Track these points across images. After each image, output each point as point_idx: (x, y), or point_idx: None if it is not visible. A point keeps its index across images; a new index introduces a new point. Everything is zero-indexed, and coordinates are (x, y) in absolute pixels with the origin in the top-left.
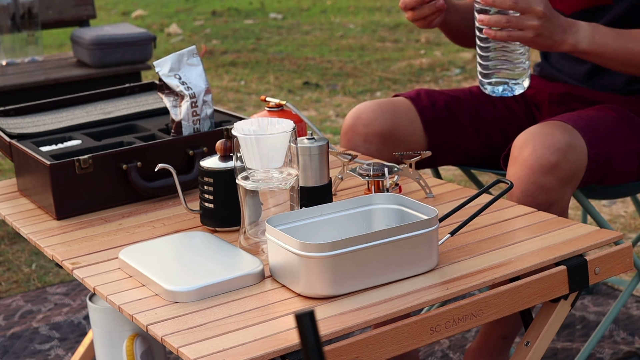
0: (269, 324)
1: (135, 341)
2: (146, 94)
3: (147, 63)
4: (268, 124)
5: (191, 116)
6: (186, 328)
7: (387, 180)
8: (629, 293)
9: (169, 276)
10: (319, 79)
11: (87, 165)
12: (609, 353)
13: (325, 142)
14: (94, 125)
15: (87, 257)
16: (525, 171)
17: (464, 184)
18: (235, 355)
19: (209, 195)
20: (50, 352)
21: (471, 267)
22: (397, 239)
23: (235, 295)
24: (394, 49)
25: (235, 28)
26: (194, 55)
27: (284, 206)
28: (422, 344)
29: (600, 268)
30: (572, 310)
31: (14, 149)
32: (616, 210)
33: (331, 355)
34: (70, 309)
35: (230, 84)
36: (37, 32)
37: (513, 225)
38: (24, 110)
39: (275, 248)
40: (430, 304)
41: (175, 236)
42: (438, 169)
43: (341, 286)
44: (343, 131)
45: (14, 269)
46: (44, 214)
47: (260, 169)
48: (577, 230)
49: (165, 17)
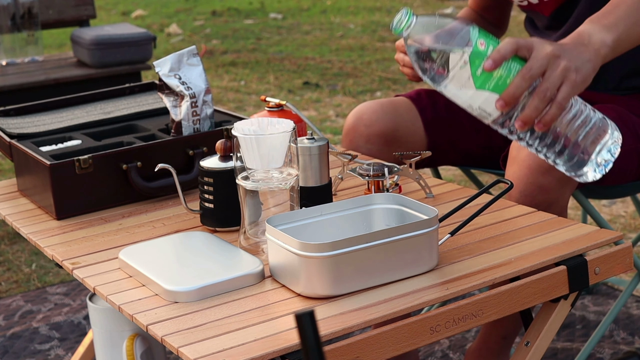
0: (269, 324)
1: (135, 341)
2: (146, 94)
3: (147, 63)
4: (268, 124)
5: (191, 116)
6: (186, 328)
7: (387, 180)
8: (629, 293)
9: (169, 276)
10: (319, 79)
11: (87, 165)
12: (609, 353)
13: (325, 142)
14: (94, 125)
15: (87, 257)
16: (523, 171)
17: (464, 184)
18: (235, 355)
19: (209, 195)
20: (50, 352)
21: (471, 267)
22: (397, 239)
23: (235, 295)
24: (394, 49)
25: (235, 28)
26: (194, 55)
27: (284, 206)
28: (422, 344)
29: (600, 268)
30: (572, 310)
31: (14, 149)
32: (616, 210)
33: (331, 355)
34: (70, 309)
35: (230, 84)
36: (37, 32)
37: (513, 225)
38: (24, 110)
39: (275, 248)
40: (430, 304)
41: (175, 236)
42: (438, 169)
43: (341, 286)
44: (345, 132)
45: (14, 269)
46: (44, 214)
47: (260, 169)
48: (577, 230)
49: (165, 17)
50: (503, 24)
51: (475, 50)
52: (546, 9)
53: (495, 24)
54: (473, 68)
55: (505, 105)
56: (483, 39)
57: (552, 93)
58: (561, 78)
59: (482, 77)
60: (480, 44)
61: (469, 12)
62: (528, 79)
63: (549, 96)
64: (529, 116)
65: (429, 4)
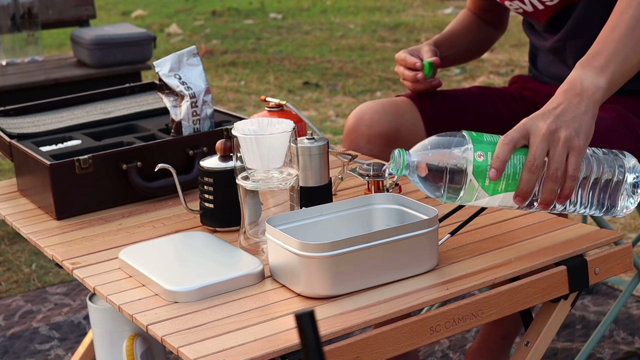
0: (269, 324)
1: (135, 341)
2: (146, 94)
3: (147, 63)
4: (268, 124)
5: (191, 116)
6: (186, 328)
7: (387, 180)
8: (629, 293)
9: (169, 276)
10: (319, 79)
11: (87, 165)
12: (609, 353)
13: (325, 142)
14: (94, 125)
15: (87, 257)
16: None
17: None
18: (235, 355)
19: (209, 195)
20: (50, 352)
21: (471, 267)
22: (397, 239)
23: (235, 295)
24: (394, 49)
25: (235, 28)
26: (194, 55)
27: (284, 206)
28: (422, 344)
29: (600, 268)
30: (572, 310)
31: (14, 149)
32: None
33: (331, 355)
34: (70, 309)
35: (230, 84)
36: (37, 32)
37: (513, 225)
38: (24, 110)
39: (275, 248)
40: (430, 304)
41: (175, 236)
42: None
43: (341, 286)
44: (346, 132)
45: (14, 269)
46: (44, 214)
47: (260, 169)
48: (577, 230)
49: (165, 17)
50: (502, 25)
51: (476, 164)
52: (541, 16)
53: (494, 25)
54: (480, 182)
55: (524, 200)
56: (480, 150)
57: (562, 170)
58: (566, 151)
59: (491, 186)
60: (478, 156)
61: (468, 14)
62: (535, 170)
63: (560, 175)
64: (549, 199)
65: (428, 4)
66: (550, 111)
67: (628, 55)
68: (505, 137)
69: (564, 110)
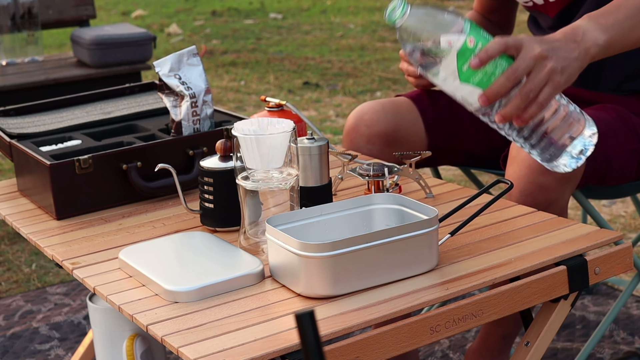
0: (269, 324)
1: (135, 341)
2: (146, 94)
3: (147, 63)
4: (268, 124)
5: (191, 116)
6: (186, 328)
7: (387, 180)
8: (629, 293)
9: (169, 276)
10: (319, 79)
11: (87, 165)
12: (609, 353)
13: (325, 142)
14: (94, 125)
15: (87, 257)
16: (523, 171)
17: (464, 184)
18: (235, 355)
19: (209, 195)
20: (50, 352)
21: (471, 267)
22: (397, 239)
23: (235, 295)
24: (394, 49)
25: (235, 28)
26: (194, 55)
27: (284, 206)
28: (422, 344)
29: (600, 268)
30: (572, 310)
31: (14, 149)
32: (616, 210)
33: (331, 355)
34: (70, 309)
35: (230, 84)
36: (37, 32)
37: (513, 225)
38: (24, 110)
39: (275, 248)
40: (430, 304)
41: (175, 236)
42: (438, 169)
43: (341, 286)
44: (345, 132)
45: (14, 269)
46: (44, 214)
47: (260, 169)
48: (577, 230)
49: (165, 17)
50: (509, 25)
51: (464, 46)
52: (551, 9)
53: (501, 26)
54: (460, 63)
55: (488, 101)
56: (474, 35)
57: (535, 94)
58: (545, 80)
59: (467, 72)
60: (470, 40)
61: (475, 15)
62: (513, 79)
63: (531, 97)
64: (509, 113)
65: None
66: (548, 41)
67: (634, 26)
68: (500, 38)
69: (558, 48)
